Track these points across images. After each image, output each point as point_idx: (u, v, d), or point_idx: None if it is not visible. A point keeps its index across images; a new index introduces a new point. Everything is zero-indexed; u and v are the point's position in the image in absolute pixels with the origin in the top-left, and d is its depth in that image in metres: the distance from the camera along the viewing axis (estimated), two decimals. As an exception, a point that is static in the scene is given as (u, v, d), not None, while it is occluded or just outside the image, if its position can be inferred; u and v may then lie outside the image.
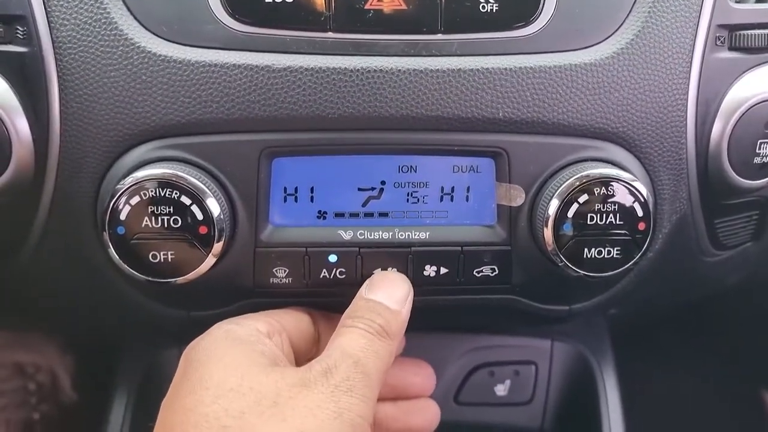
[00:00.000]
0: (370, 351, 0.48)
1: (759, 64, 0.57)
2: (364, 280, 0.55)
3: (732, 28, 0.56)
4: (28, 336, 0.94)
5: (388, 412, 0.62)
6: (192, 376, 0.46)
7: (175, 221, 0.51)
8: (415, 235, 0.56)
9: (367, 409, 0.45)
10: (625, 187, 0.52)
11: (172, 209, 0.50)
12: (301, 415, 0.43)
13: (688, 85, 0.55)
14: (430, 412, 0.64)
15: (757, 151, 0.57)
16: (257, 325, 0.51)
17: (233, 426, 0.42)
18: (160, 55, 0.51)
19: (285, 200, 0.55)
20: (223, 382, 0.44)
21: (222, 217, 0.51)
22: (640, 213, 0.53)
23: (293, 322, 0.54)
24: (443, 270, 0.56)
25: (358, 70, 0.52)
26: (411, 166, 0.55)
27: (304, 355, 0.55)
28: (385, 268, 0.56)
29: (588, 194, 0.52)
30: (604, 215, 0.53)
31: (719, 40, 0.56)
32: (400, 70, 0.52)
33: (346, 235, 0.56)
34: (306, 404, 0.43)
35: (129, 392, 0.79)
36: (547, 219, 0.52)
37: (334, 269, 0.56)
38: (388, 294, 0.53)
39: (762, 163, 0.57)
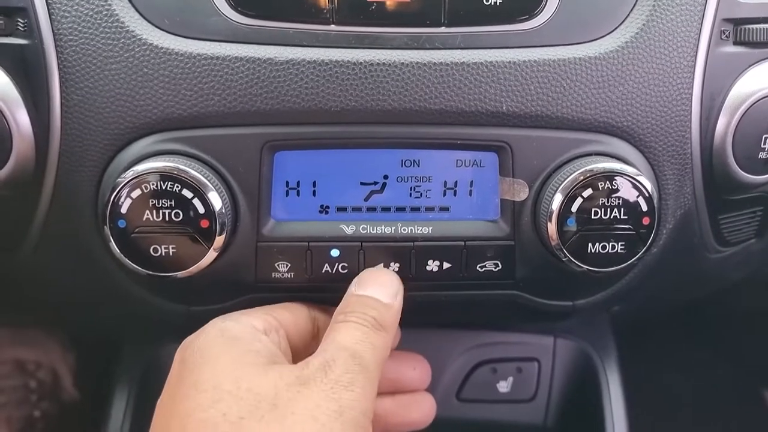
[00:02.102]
0: (366, 343, 0.47)
1: (764, 59, 0.56)
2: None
3: (737, 22, 0.56)
4: (28, 333, 0.94)
5: (387, 406, 0.61)
6: (187, 379, 0.45)
7: (177, 215, 0.50)
8: (417, 229, 0.56)
9: (368, 403, 0.45)
10: (630, 181, 0.52)
11: (173, 203, 0.50)
12: (301, 418, 0.42)
13: (693, 79, 0.55)
14: (426, 406, 0.64)
15: (762, 146, 0.57)
16: (253, 322, 0.50)
17: (233, 431, 0.41)
18: (161, 48, 0.51)
19: (287, 194, 0.55)
20: (219, 385, 0.43)
21: (224, 210, 0.51)
22: (644, 208, 0.52)
23: (290, 317, 0.54)
24: (446, 265, 0.56)
25: (360, 63, 0.51)
26: (414, 161, 0.55)
27: (302, 350, 0.54)
28: (387, 263, 0.56)
29: (592, 189, 0.52)
30: (609, 210, 0.52)
31: (724, 34, 0.56)
32: (403, 63, 0.52)
33: (349, 230, 0.55)
34: (305, 405, 0.42)
35: (129, 389, 0.78)
36: (551, 214, 0.52)
37: (337, 264, 0.55)
38: (379, 289, 0.52)
39: (767, 158, 0.57)
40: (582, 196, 0.52)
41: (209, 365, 0.45)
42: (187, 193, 0.50)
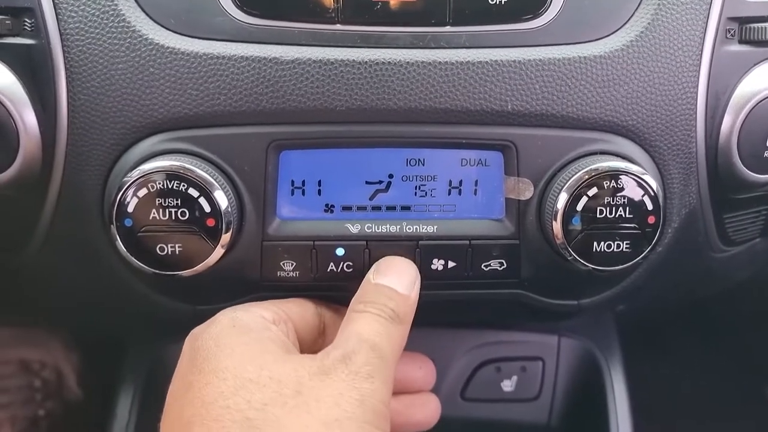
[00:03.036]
0: (384, 335, 0.48)
1: (770, 58, 0.56)
2: (372, 273, 0.55)
3: (742, 21, 0.55)
4: (33, 333, 0.94)
5: (392, 406, 0.60)
6: (204, 367, 0.45)
7: (183, 214, 0.51)
8: (422, 228, 0.56)
9: (387, 393, 0.46)
10: (635, 180, 0.52)
11: (179, 202, 0.50)
12: (326, 404, 0.42)
13: (698, 77, 0.55)
14: (431, 407, 0.64)
15: (767, 144, 0.56)
16: (262, 313, 0.51)
17: (257, 418, 0.41)
18: (167, 47, 0.51)
19: (292, 193, 0.55)
20: (240, 373, 0.44)
21: (230, 209, 0.51)
22: (649, 206, 0.52)
23: (298, 311, 0.54)
24: (451, 264, 0.56)
25: (366, 62, 0.52)
26: (419, 159, 0.55)
27: (309, 345, 0.54)
28: None
29: (597, 188, 0.52)
30: (614, 209, 0.52)
31: (729, 32, 0.55)
32: (408, 62, 0.52)
33: (354, 229, 0.55)
34: (329, 393, 0.43)
35: (135, 388, 0.79)
36: (556, 213, 0.52)
37: (342, 263, 0.55)
38: (397, 278, 0.52)
39: (772, 157, 0.57)
40: (587, 195, 0.52)
41: (226, 353, 0.45)
42: (193, 192, 0.50)
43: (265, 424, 0.41)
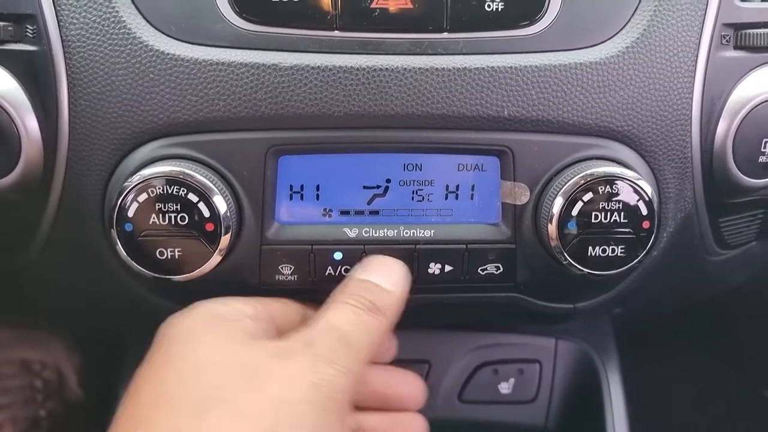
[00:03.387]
0: (357, 325, 0.47)
1: (764, 63, 0.57)
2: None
3: (737, 27, 0.56)
4: (34, 333, 0.94)
5: (374, 422, 0.59)
6: (169, 352, 0.45)
7: (182, 218, 0.51)
8: (419, 233, 0.56)
9: (348, 383, 0.44)
10: (630, 185, 0.52)
11: (179, 206, 0.51)
12: (279, 384, 0.42)
13: (693, 83, 0.55)
14: (416, 427, 0.61)
15: (762, 149, 0.57)
16: (242, 307, 0.50)
17: (211, 398, 0.41)
18: (167, 54, 0.52)
19: (291, 198, 0.56)
20: (202, 356, 0.44)
21: (228, 214, 0.52)
22: (644, 211, 0.53)
23: (281, 309, 0.54)
24: (448, 268, 0.57)
25: (364, 68, 0.52)
26: (416, 165, 0.56)
27: None
28: None
29: (592, 192, 0.52)
30: (609, 214, 0.53)
31: (725, 38, 0.56)
32: (405, 68, 0.52)
33: (352, 233, 0.56)
34: (284, 373, 0.43)
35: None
36: (552, 217, 0.53)
37: (340, 266, 0.56)
38: (383, 276, 0.52)
39: (767, 162, 0.57)
40: (582, 200, 0.52)
41: (193, 338, 0.46)
42: (193, 197, 0.51)
43: (219, 403, 0.41)
